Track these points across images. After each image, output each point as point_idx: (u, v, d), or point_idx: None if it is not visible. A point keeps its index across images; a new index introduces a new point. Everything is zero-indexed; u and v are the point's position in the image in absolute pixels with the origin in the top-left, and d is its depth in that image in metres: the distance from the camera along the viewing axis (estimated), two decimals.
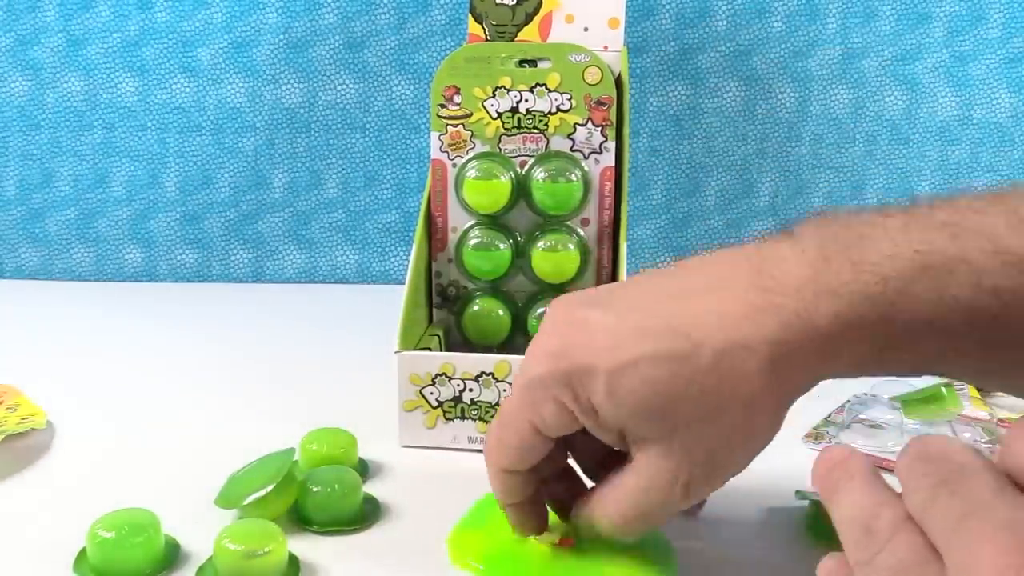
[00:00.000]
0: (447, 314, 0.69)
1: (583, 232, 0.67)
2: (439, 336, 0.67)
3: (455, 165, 0.67)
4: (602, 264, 0.68)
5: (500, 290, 0.68)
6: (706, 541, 0.50)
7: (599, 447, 0.45)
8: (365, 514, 0.52)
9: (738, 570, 0.48)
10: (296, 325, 0.84)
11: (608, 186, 0.67)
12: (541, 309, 0.67)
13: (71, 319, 0.85)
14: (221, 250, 0.95)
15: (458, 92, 0.66)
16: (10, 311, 0.87)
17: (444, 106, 0.67)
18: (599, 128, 0.66)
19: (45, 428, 0.61)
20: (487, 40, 0.71)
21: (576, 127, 0.66)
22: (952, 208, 0.40)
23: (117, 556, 0.46)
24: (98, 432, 0.62)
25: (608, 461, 0.45)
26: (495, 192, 0.66)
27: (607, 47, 0.69)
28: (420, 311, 0.67)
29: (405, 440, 0.60)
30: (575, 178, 0.66)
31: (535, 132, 0.67)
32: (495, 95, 0.66)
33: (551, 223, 0.67)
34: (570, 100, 0.66)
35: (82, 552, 0.47)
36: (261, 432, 0.60)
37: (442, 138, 0.67)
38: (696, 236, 0.94)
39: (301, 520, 0.51)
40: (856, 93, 0.91)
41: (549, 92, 0.66)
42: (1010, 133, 0.91)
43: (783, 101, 0.91)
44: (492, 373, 0.59)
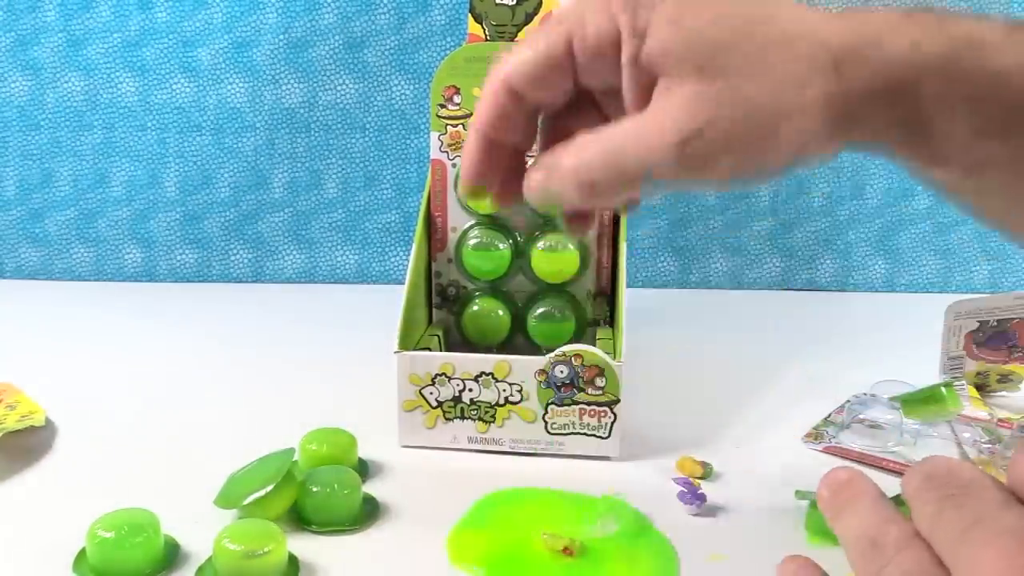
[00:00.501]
0: (447, 314, 0.69)
1: None
2: (439, 336, 0.67)
3: (455, 165, 0.67)
4: (602, 264, 0.68)
5: (500, 290, 0.68)
6: (706, 541, 0.50)
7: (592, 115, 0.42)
8: (365, 514, 0.52)
9: (738, 570, 0.48)
10: (296, 325, 0.84)
11: None
12: (541, 309, 0.67)
13: (71, 319, 0.85)
14: (221, 250, 0.95)
15: (458, 92, 0.66)
16: (10, 311, 0.87)
17: (444, 106, 0.67)
18: None
19: (44, 426, 0.61)
20: (487, 40, 0.71)
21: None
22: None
23: (117, 556, 0.46)
24: (98, 432, 0.62)
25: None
26: None
27: None
28: (420, 311, 0.67)
29: (405, 440, 0.60)
30: None
31: None
32: None
33: (551, 223, 0.67)
34: None
35: (82, 552, 0.47)
36: (261, 432, 0.60)
37: (442, 138, 0.67)
38: (696, 236, 0.94)
39: (301, 520, 0.51)
40: None
41: None
42: None
43: None
44: (492, 373, 0.59)
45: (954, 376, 0.68)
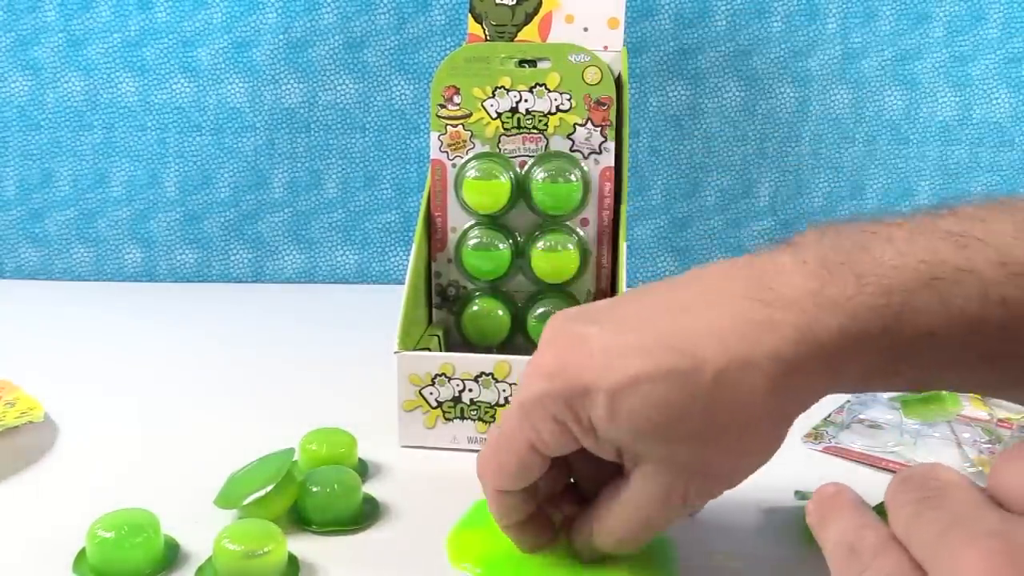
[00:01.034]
0: (447, 314, 0.69)
1: (583, 232, 0.67)
2: (439, 336, 0.67)
3: (455, 165, 0.67)
4: (601, 264, 0.68)
5: (500, 290, 0.68)
6: (706, 541, 0.50)
7: (598, 465, 0.44)
8: (365, 514, 0.52)
9: (738, 570, 0.48)
10: (296, 325, 0.84)
11: (608, 186, 0.67)
12: (541, 309, 0.67)
13: (71, 319, 0.85)
14: (221, 250, 0.95)
15: (458, 92, 0.66)
16: (10, 311, 0.87)
17: (444, 106, 0.67)
18: (599, 128, 0.66)
19: (43, 422, 0.61)
20: (487, 40, 0.71)
21: (576, 127, 0.66)
22: (956, 217, 0.40)
23: (117, 556, 0.46)
24: (98, 432, 0.62)
25: (609, 478, 0.45)
26: (495, 192, 0.66)
27: (607, 47, 0.69)
28: (420, 311, 0.67)
29: (405, 440, 0.60)
30: (575, 178, 0.66)
31: (535, 132, 0.67)
32: (495, 95, 0.66)
33: (551, 223, 0.67)
34: (570, 100, 0.66)
35: (82, 552, 0.47)
36: (261, 432, 0.60)
37: (442, 138, 0.67)
38: (696, 236, 0.94)
39: (301, 520, 0.51)
40: (856, 93, 0.91)
41: (549, 92, 0.66)
42: (1010, 133, 0.91)
43: (783, 101, 0.91)
44: (492, 373, 0.59)
45: None
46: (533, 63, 0.67)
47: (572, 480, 0.48)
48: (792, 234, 0.43)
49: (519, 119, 0.67)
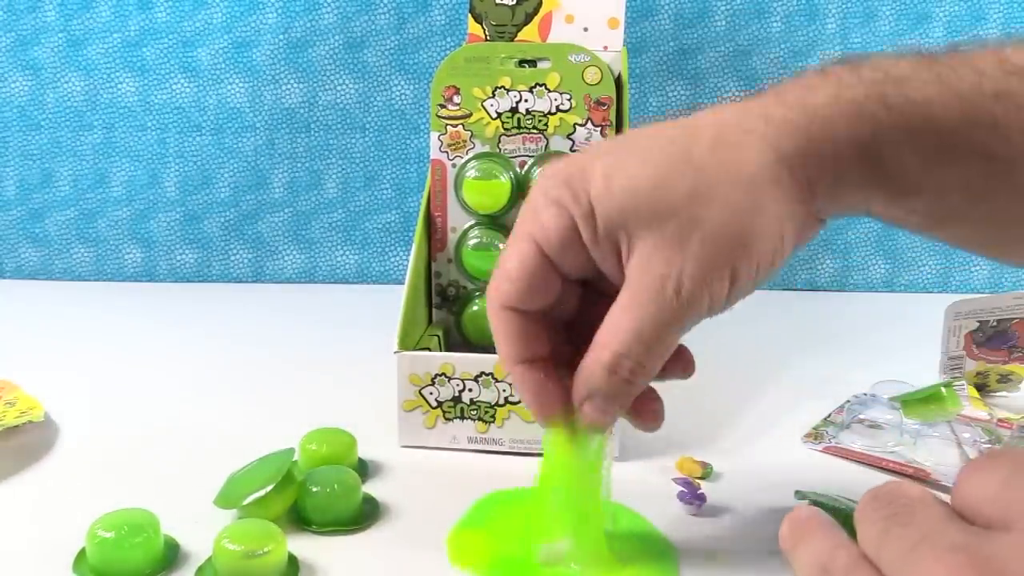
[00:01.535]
0: (447, 314, 0.69)
1: None
2: (439, 336, 0.67)
3: (455, 165, 0.67)
4: None
5: None
6: (706, 541, 0.50)
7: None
8: (364, 514, 0.52)
9: (738, 570, 0.48)
10: (296, 325, 0.84)
11: None
12: None
13: (71, 319, 0.85)
14: (221, 250, 0.95)
15: (458, 92, 0.66)
16: (10, 311, 0.87)
17: (444, 106, 0.67)
18: (599, 128, 0.66)
19: (43, 422, 0.62)
20: (487, 40, 0.71)
21: (576, 127, 0.66)
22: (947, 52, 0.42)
23: (117, 556, 0.46)
24: (98, 432, 0.62)
25: None
26: (495, 192, 0.66)
27: (607, 47, 0.69)
28: (420, 311, 0.67)
29: (405, 440, 0.60)
30: None
31: (535, 132, 0.67)
32: (495, 95, 0.66)
33: None
34: (570, 100, 0.66)
35: (81, 552, 0.47)
36: (261, 432, 0.60)
37: (442, 138, 0.67)
38: None
39: (301, 520, 0.51)
40: None
41: (549, 92, 0.66)
42: None
43: None
44: (492, 373, 0.59)
45: (954, 376, 0.68)
46: (533, 63, 0.67)
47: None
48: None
49: (519, 119, 0.67)
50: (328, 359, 0.76)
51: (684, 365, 0.46)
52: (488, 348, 0.68)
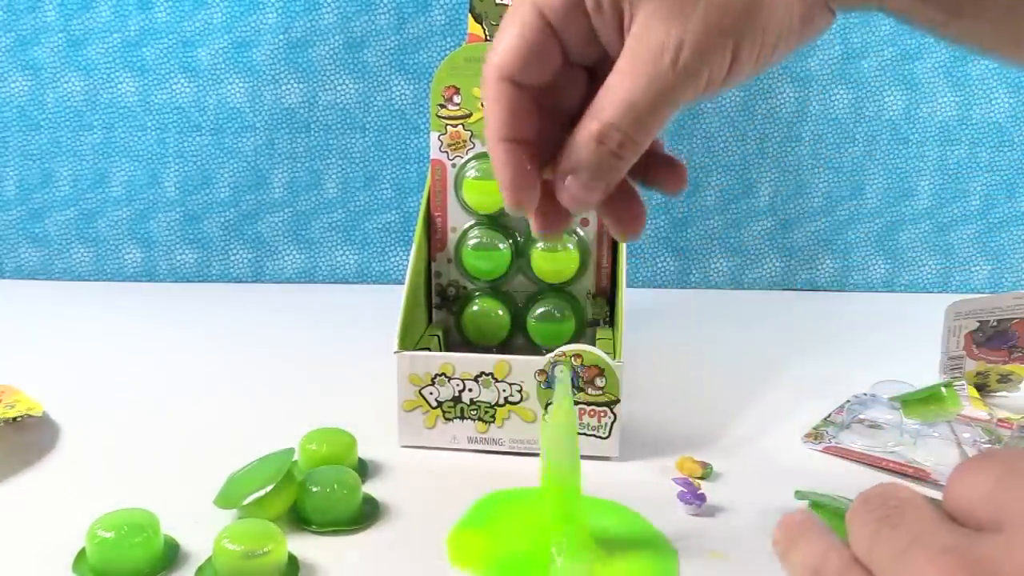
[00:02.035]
0: (447, 314, 0.69)
1: (583, 232, 0.67)
2: (439, 336, 0.67)
3: (455, 165, 0.67)
4: (601, 264, 0.68)
5: (500, 290, 0.68)
6: (706, 541, 0.50)
7: None
8: (364, 514, 0.52)
9: (738, 570, 0.48)
10: (296, 325, 0.84)
11: None
12: (541, 309, 0.67)
13: (71, 319, 0.85)
14: (221, 250, 0.95)
15: (458, 92, 0.66)
16: (10, 311, 0.87)
17: (444, 106, 0.67)
18: None
19: (44, 422, 0.62)
20: (487, 40, 0.71)
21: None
22: None
23: (116, 556, 0.46)
24: (98, 432, 0.62)
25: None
26: (495, 192, 0.66)
27: None
28: (420, 311, 0.67)
29: (404, 440, 0.60)
30: None
31: None
32: None
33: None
34: None
35: (81, 552, 0.47)
36: (261, 432, 0.60)
37: (442, 138, 0.67)
38: (696, 236, 0.94)
39: (301, 520, 0.51)
40: (856, 93, 0.91)
41: None
42: (1009, 133, 0.91)
43: (783, 101, 0.91)
44: (492, 373, 0.59)
45: (954, 376, 0.68)
46: None
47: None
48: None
49: None
50: (328, 359, 0.76)
51: (676, 179, 0.44)
52: (488, 348, 0.68)
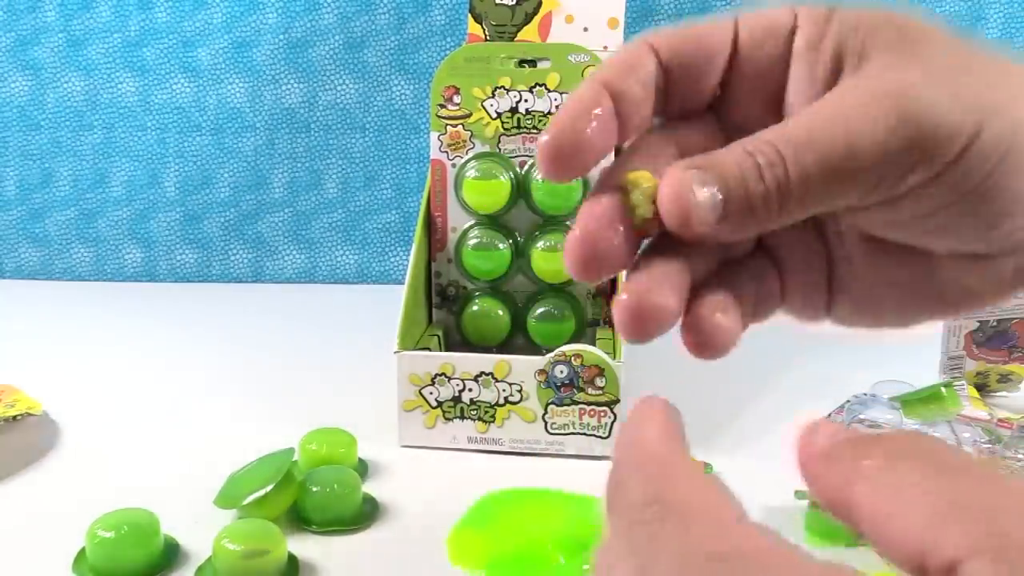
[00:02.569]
0: (447, 314, 0.69)
1: None
2: (439, 336, 0.67)
3: (455, 165, 0.67)
4: None
5: (500, 290, 0.68)
6: None
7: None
8: (365, 514, 0.52)
9: None
10: (296, 325, 0.84)
11: None
12: (541, 309, 0.67)
13: (71, 319, 0.85)
14: (221, 250, 0.95)
15: (458, 92, 0.66)
16: (10, 311, 0.87)
17: (444, 106, 0.67)
18: None
19: (44, 422, 0.62)
20: (487, 40, 0.71)
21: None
22: None
23: (117, 556, 0.46)
24: (98, 432, 0.62)
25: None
26: (495, 192, 0.66)
27: (607, 47, 0.69)
28: (420, 311, 0.67)
29: (405, 440, 0.60)
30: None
31: (535, 132, 0.67)
32: (495, 95, 0.66)
33: (551, 223, 0.67)
34: None
35: (82, 552, 0.47)
36: (261, 432, 0.60)
37: (442, 138, 0.67)
38: None
39: (301, 520, 0.51)
40: None
41: (549, 92, 0.66)
42: None
43: None
44: (492, 373, 0.59)
45: (954, 376, 0.68)
46: (533, 63, 0.66)
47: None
48: None
49: (519, 119, 0.67)
50: (328, 359, 0.76)
51: (703, 343, 0.30)
52: (488, 348, 0.68)
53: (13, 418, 0.60)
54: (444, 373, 0.59)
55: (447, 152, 0.67)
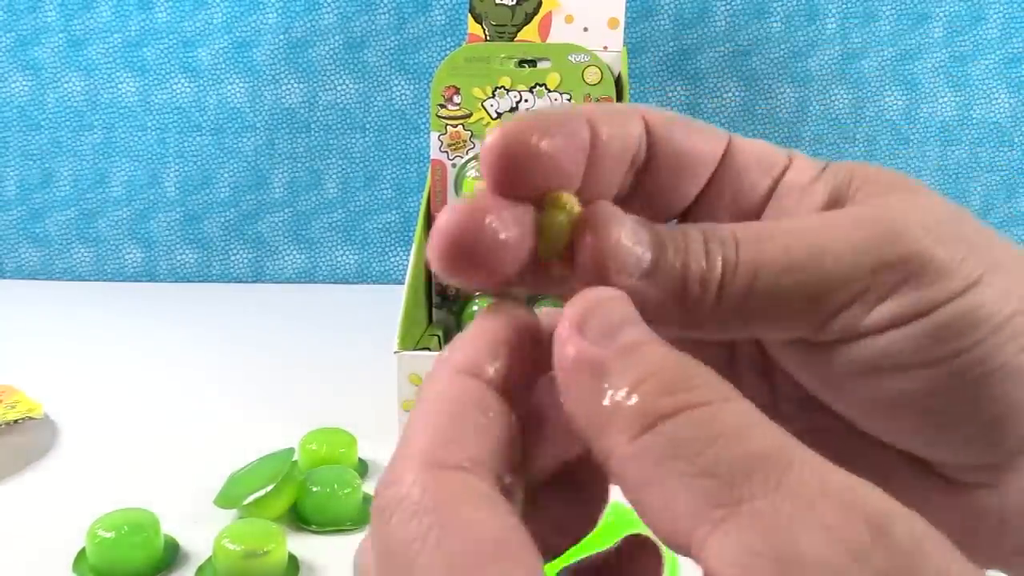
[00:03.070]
0: (447, 314, 0.69)
1: None
2: (439, 336, 0.67)
3: (455, 165, 0.67)
4: None
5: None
6: None
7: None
8: (365, 514, 0.52)
9: None
10: (296, 325, 0.84)
11: None
12: (540, 309, 0.67)
13: (71, 319, 0.85)
14: (221, 250, 0.95)
15: (458, 92, 0.67)
16: (10, 311, 0.87)
17: (444, 106, 0.67)
18: None
19: (44, 421, 0.62)
20: (487, 40, 0.71)
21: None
22: None
23: (117, 556, 0.46)
24: (98, 432, 0.62)
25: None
26: None
27: (607, 47, 0.69)
28: (420, 311, 0.67)
29: None
30: None
31: None
32: (495, 95, 0.67)
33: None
34: (570, 100, 0.66)
35: (82, 552, 0.48)
36: (261, 432, 0.60)
37: (442, 138, 0.67)
38: None
39: (301, 520, 0.52)
40: (856, 93, 0.91)
41: (549, 92, 0.66)
42: (1009, 133, 0.91)
43: (783, 101, 0.91)
44: None
45: None
46: (533, 63, 0.67)
47: None
48: None
49: None
50: (328, 359, 0.76)
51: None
52: None
53: (14, 421, 0.60)
54: None
55: (447, 152, 0.67)
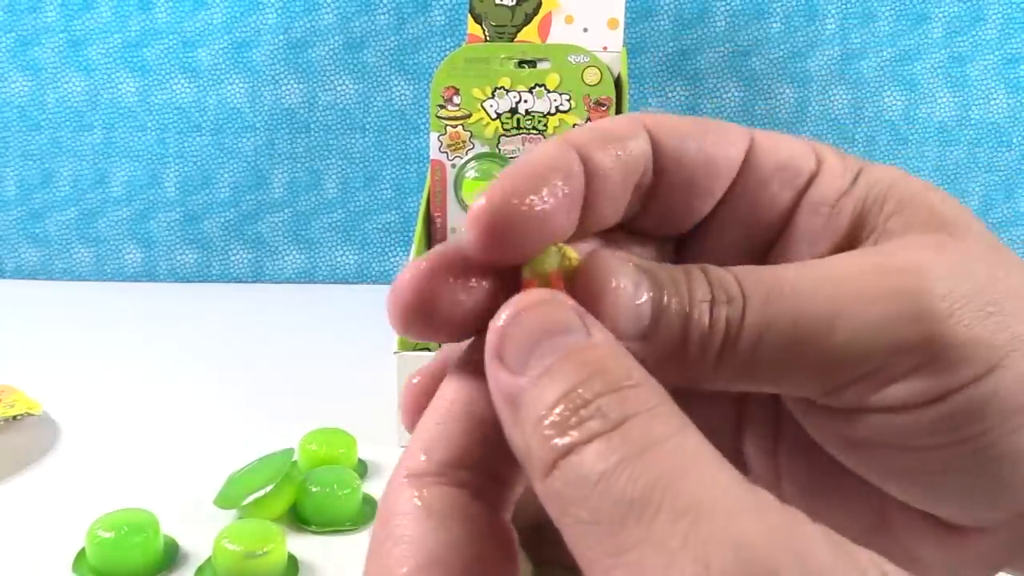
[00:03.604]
0: None
1: None
2: None
3: (454, 165, 0.67)
4: None
5: None
6: None
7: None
8: (364, 514, 0.52)
9: None
10: (296, 325, 0.84)
11: None
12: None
13: (71, 319, 0.85)
14: (221, 250, 0.95)
15: (457, 93, 0.67)
16: (10, 311, 0.87)
17: (443, 107, 0.67)
18: None
19: (44, 422, 0.62)
20: (486, 41, 0.71)
21: (575, 128, 0.67)
22: None
23: (116, 556, 0.46)
24: (98, 432, 0.62)
25: None
26: None
27: (606, 48, 0.70)
28: None
29: (405, 440, 0.60)
30: None
31: (534, 133, 0.67)
32: (494, 96, 0.67)
33: None
34: (569, 101, 0.66)
35: (81, 552, 0.48)
36: (261, 432, 0.60)
37: (441, 138, 0.67)
38: None
39: (300, 520, 0.52)
40: (855, 94, 0.91)
41: (548, 93, 0.66)
42: (1007, 133, 0.91)
43: (782, 102, 0.91)
44: None
45: None
46: (533, 64, 0.67)
47: None
48: None
49: (519, 120, 0.67)
50: (328, 359, 0.76)
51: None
52: None
53: (13, 418, 0.60)
54: None
55: (447, 152, 0.67)
